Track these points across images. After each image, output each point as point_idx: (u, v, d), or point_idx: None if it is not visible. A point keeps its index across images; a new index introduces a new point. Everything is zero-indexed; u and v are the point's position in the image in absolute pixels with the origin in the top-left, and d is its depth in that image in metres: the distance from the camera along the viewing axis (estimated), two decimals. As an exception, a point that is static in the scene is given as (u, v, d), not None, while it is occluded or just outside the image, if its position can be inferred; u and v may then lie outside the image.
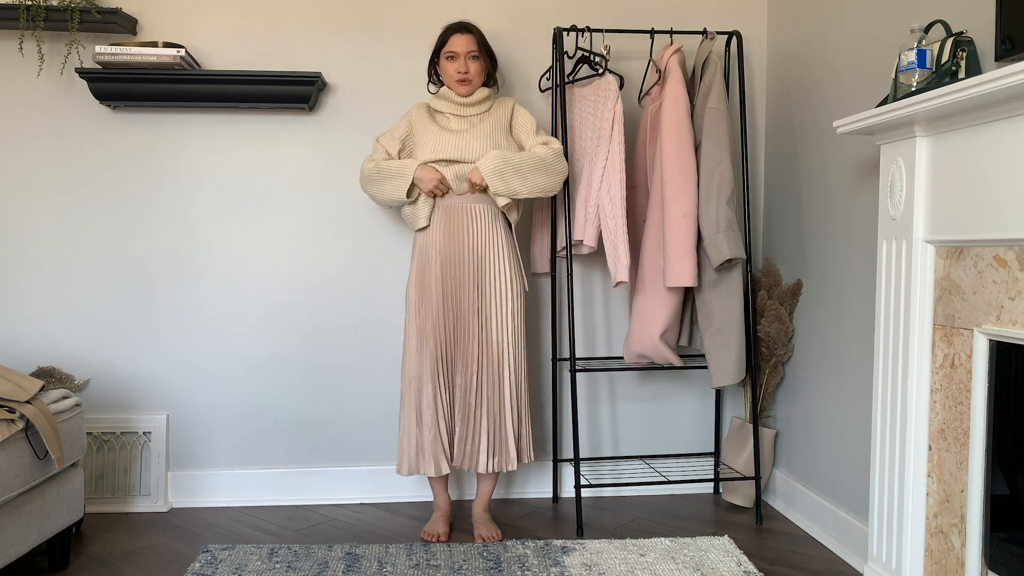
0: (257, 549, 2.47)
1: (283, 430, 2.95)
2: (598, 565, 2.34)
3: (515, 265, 2.60)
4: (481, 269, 2.54)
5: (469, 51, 2.56)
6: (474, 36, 2.58)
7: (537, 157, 2.55)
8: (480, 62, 2.58)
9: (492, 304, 2.54)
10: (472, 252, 2.54)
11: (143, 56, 2.65)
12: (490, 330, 2.53)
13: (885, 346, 2.04)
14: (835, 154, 2.54)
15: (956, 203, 1.80)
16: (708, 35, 2.75)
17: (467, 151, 2.54)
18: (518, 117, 2.66)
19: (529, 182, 2.53)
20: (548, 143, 2.60)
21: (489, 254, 2.55)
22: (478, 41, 2.58)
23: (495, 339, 2.53)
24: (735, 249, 2.59)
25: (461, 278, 2.54)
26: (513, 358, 2.55)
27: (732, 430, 2.96)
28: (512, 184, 2.51)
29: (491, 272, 2.55)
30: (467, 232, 2.54)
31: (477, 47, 2.57)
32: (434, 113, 2.64)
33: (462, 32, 2.57)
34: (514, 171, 2.51)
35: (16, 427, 2.07)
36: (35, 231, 2.84)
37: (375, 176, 2.59)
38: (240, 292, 2.91)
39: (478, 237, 2.54)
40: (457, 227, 2.54)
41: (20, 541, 2.12)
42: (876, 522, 2.07)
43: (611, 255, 2.66)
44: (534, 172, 2.53)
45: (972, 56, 1.80)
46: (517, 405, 2.55)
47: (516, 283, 2.58)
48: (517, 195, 2.53)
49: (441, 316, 2.53)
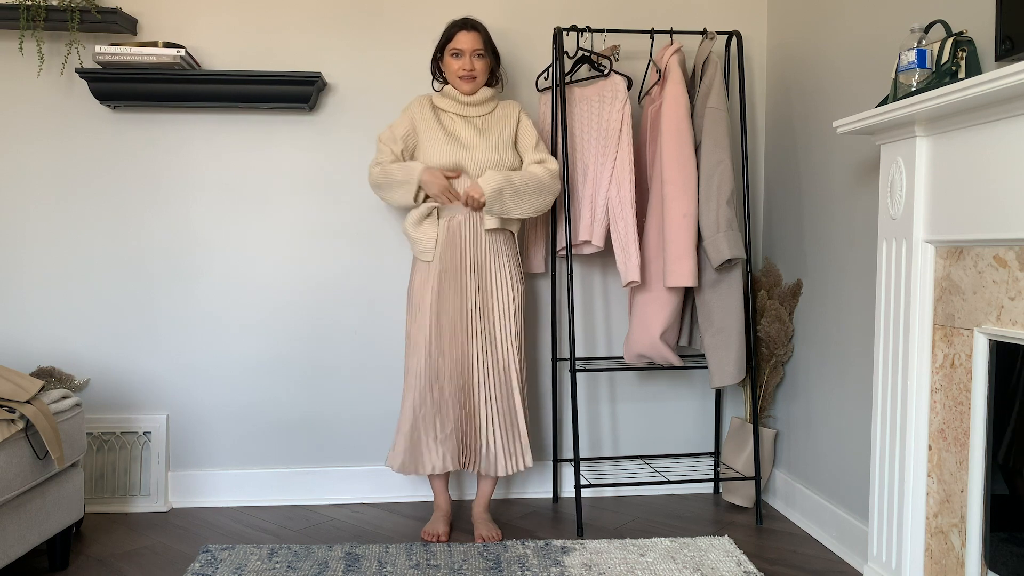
0: (257, 549, 2.47)
1: (283, 430, 2.95)
2: (598, 565, 2.34)
3: (516, 266, 2.60)
4: (482, 271, 2.54)
5: (474, 49, 2.54)
6: (480, 34, 2.55)
7: (535, 178, 2.54)
8: (485, 60, 2.57)
9: (495, 306, 2.54)
10: (473, 254, 2.54)
11: (143, 56, 2.65)
12: (494, 332, 2.53)
13: (885, 346, 2.04)
14: (835, 154, 2.54)
15: (956, 203, 1.80)
16: (708, 35, 2.75)
17: (479, 165, 2.52)
18: (523, 128, 2.64)
19: (524, 204, 2.53)
20: (545, 162, 2.59)
21: (489, 255, 2.55)
22: (484, 39, 2.55)
23: (500, 341, 2.53)
24: (735, 249, 2.59)
25: (463, 280, 2.53)
26: (518, 359, 2.55)
27: (732, 430, 2.96)
28: (507, 206, 2.50)
29: (492, 273, 2.54)
30: (467, 234, 2.54)
31: (483, 45, 2.55)
32: (437, 111, 2.62)
33: (468, 29, 2.54)
34: (513, 193, 2.50)
35: (16, 427, 2.08)
36: (35, 231, 2.85)
37: (383, 182, 2.58)
38: (240, 292, 2.91)
39: (478, 239, 2.54)
40: (457, 229, 2.54)
41: (20, 541, 2.12)
42: (876, 522, 2.07)
43: (621, 255, 2.67)
44: (530, 195, 2.53)
45: (972, 56, 1.80)
46: (524, 406, 2.55)
47: (517, 284, 2.57)
48: (509, 215, 2.53)
49: (444, 319, 2.52)
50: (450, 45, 2.56)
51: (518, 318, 2.56)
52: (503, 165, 2.54)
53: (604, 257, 3.03)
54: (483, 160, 2.52)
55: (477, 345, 2.52)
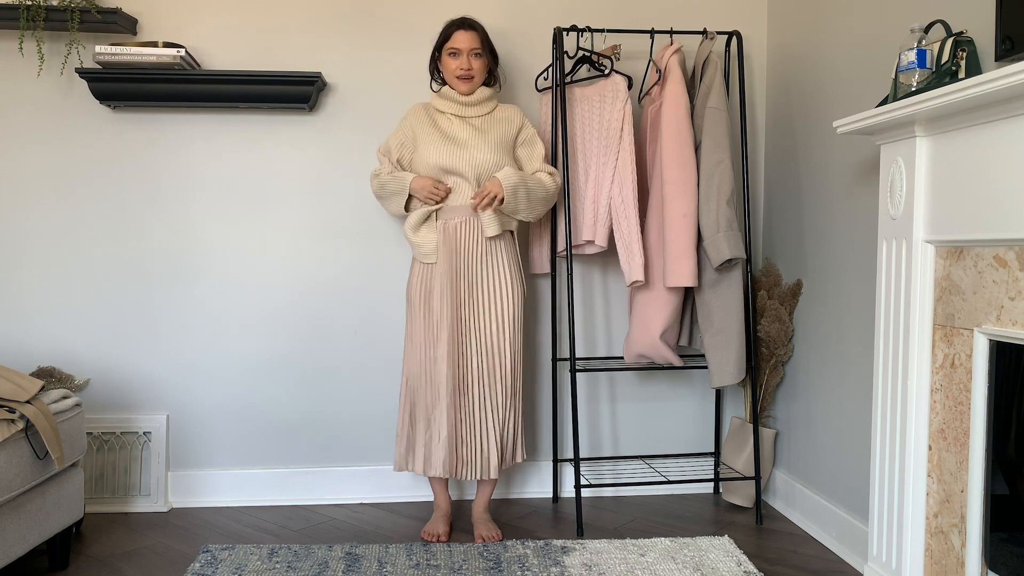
0: (257, 549, 2.47)
1: (283, 430, 2.95)
2: (598, 565, 2.34)
3: (515, 266, 2.60)
4: (480, 272, 2.54)
5: (472, 48, 2.54)
6: (478, 33, 2.55)
7: (544, 186, 2.58)
8: (483, 60, 2.56)
9: (493, 307, 2.54)
10: (472, 255, 2.54)
11: (143, 56, 2.65)
12: (493, 333, 2.53)
13: (885, 346, 2.04)
14: (835, 154, 2.54)
15: (956, 203, 1.80)
16: (708, 35, 2.75)
17: (475, 164, 2.52)
18: (528, 137, 2.65)
19: (531, 208, 2.57)
20: (553, 175, 2.63)
21: (488, 256, 2.55)
22: (481, 38, 2.55)
23: (498, 343, 2.53)
24: (735, 249, 2.59)
25: (460, 281, 2.53)
26: (516, 362, 2.55)
27: (732, 430, 2.96)
28: (519, 206, 2.53)
29: (491, 274, 2.54)
30: (466, 235, 2.54)
31: (480, 44, 2.55)
32: (435, 114, 2.62)
33: (466, 28, 2.54)
34: (526, 194, 2.53)
35: (16, 427, 2.07)
36: (35, 231, 2.84)
37: (381, 194, 2.63)
38: (241, 291, 2.91)
39: (477, 240, 2.54)
40: (455, 231, 2.54)
41: (20, 541, 2.12)
42: (876, 522, 2.07)
43: (624, 255, 2.67)
44: (538, 201, 2.57)
45: (972, 56, 1.80)
46: (517, 407, 2.57)
47: (516, 285, 2.57)
48: (516, 216, 2.56)
49: (442, 320, 2.52)
50: (447, 44, 2.55)
51: (518, 319, 2.56)
52: (501, 166, 2.54)
53: (604, 257, 3.03)
54: (481, 159, 2.52)
55: (474, 347, 2.52)
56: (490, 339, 2.53)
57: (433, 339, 2.52)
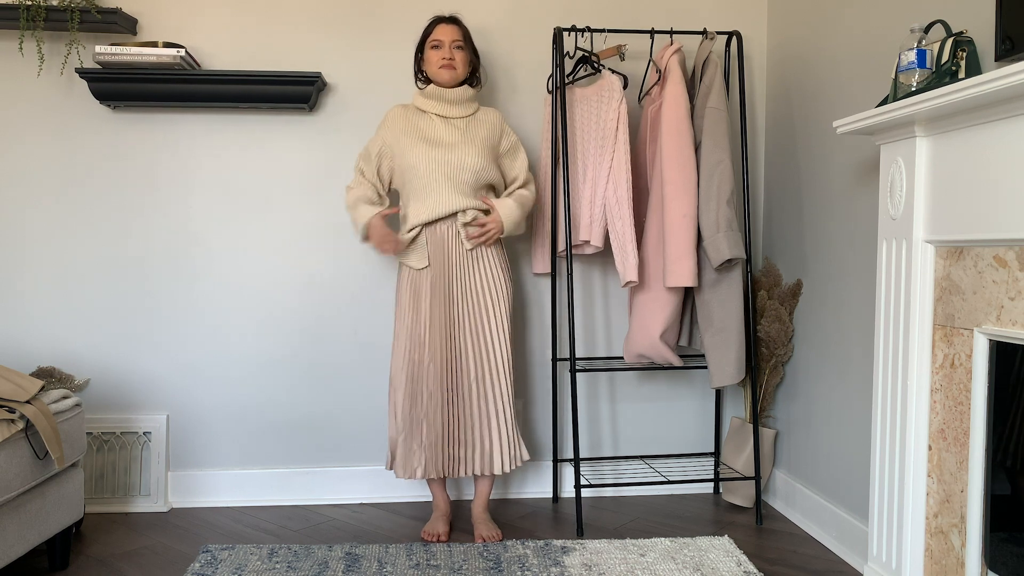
0: (257, 549, 2.47)
1: (283, 430, 2.95)
2: (598, 565, 2.34)
3: (503, 265, 2.60)
4: (468, 273, 2.54)
5: (454, 40, 2.57)
6: (459, 27, 2.60)
7: (530, 204, 2.67)
8: (464, 53, 2.59)
9: (482, 307, 2.54)
10: (459, 257, 2.54)
11: (143, 56, 2.65)
12: (484, 333, 2.53)
13: (885, 346, 2.04)
14: (835, 154, 2.54)
15: (956, 203, 1.80)
16: (708, 35, 2.75)
17: (461, 167, 2.52)
18: (512, 146, 2.67)
19: (519, 228, 2.65)
20: (529, 183, 2.69)
21: (478, 256, 2.55)
22: (463, 32, 2.60)
23: (489, 342, 2.53)
24: (735, 249, 2.59)
25: (448, 283, 2.53)
26: (509, 360, 2.56)
27: (732, 430, 2.96)
28: (511, 231, 2.62)
29: (479, 275, 2.55)
30: (453, 239, 2.54)
31: (462, 38, 2.59)
32: (417, 115, 2.60)
33: (447, 22, 2.59)
34: (520, 219, 2.62)
35: (16, 427, 2.08)
36: (35, 231, 2.85)
37: (349, 213, 2.63)
38: (240, 291, 2.91)
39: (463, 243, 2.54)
40: (442, 236, 2.54)
41: (20, 541, 2.12)
42: (876, 522, 2.07)
43: (619, 255, 2.67)
44: (524, 219, 2.66)
45: (972, 56, 1.80)
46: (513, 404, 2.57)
47: (504, 285, 2.58)
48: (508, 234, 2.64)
49: (433, 321, 2.52)
50: (430, 38, 2.59)
51: (507, 320, 2.56)
52: (484, 169, 2.55)
53: (604, 257, 3.03)
54: (465, 162, 2.52)
55: (466, 348, 2.52)
56: (484, 337, 2.53)
57: (419, 342, 2.52)
